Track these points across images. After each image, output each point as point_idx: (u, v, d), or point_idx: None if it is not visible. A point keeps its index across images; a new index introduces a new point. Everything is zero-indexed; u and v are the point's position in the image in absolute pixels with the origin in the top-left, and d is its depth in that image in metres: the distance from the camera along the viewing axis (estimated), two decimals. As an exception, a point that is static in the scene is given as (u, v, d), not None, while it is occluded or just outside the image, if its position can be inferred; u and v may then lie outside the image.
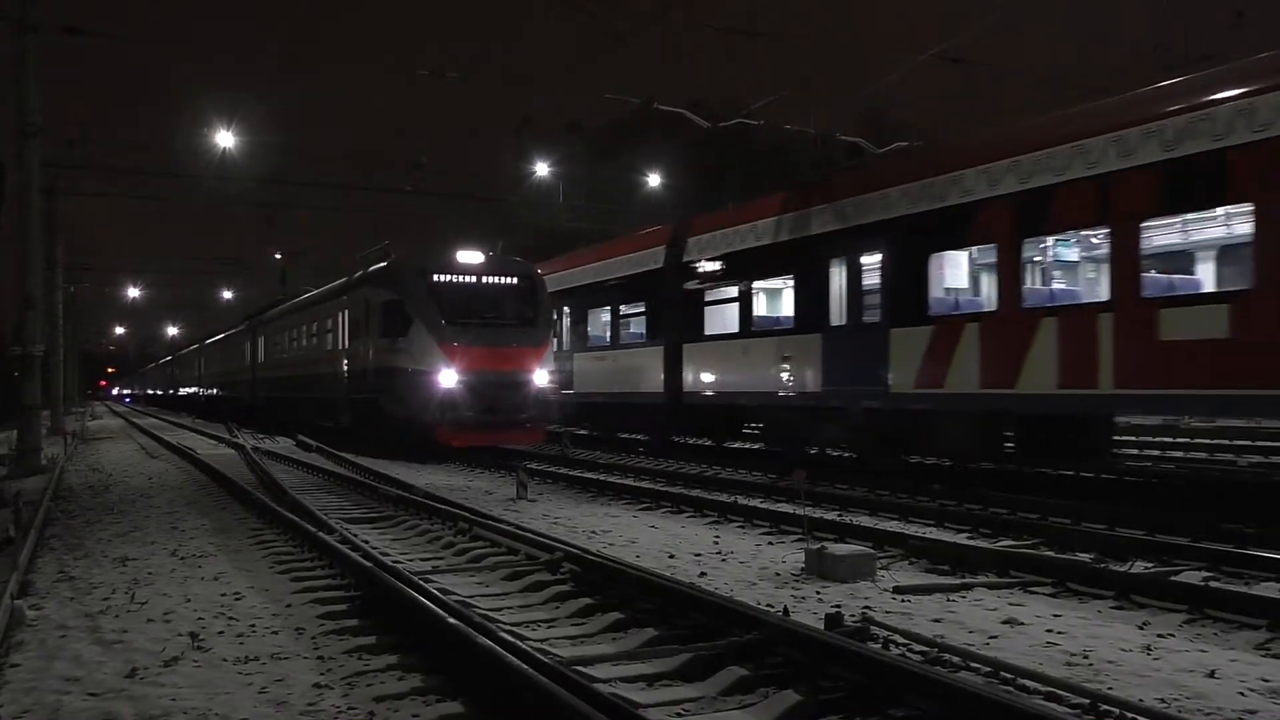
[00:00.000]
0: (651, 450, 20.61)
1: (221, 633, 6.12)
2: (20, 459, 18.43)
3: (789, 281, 16.65)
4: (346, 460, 19.12)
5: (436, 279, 19.71)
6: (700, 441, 20.55)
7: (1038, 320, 11.92)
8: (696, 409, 18.95)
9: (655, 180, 37.09)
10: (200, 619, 6.46)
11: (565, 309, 23.80)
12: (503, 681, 4.54)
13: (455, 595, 6.86)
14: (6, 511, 10.21)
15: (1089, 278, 12.82)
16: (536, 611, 6.72)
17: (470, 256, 20.24)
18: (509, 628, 5.96)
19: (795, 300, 16.32)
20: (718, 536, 9.97)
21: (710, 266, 18.30)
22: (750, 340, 17.21)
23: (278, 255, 48.85)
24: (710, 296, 18.43)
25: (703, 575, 7.79)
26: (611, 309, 22.24)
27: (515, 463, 14.87)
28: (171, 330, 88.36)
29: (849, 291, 14.88)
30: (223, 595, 7.22)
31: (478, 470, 17.71)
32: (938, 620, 6.33)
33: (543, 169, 35.93)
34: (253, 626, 6.28)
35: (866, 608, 6.51)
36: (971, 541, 9.12)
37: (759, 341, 16.91)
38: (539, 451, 19.79)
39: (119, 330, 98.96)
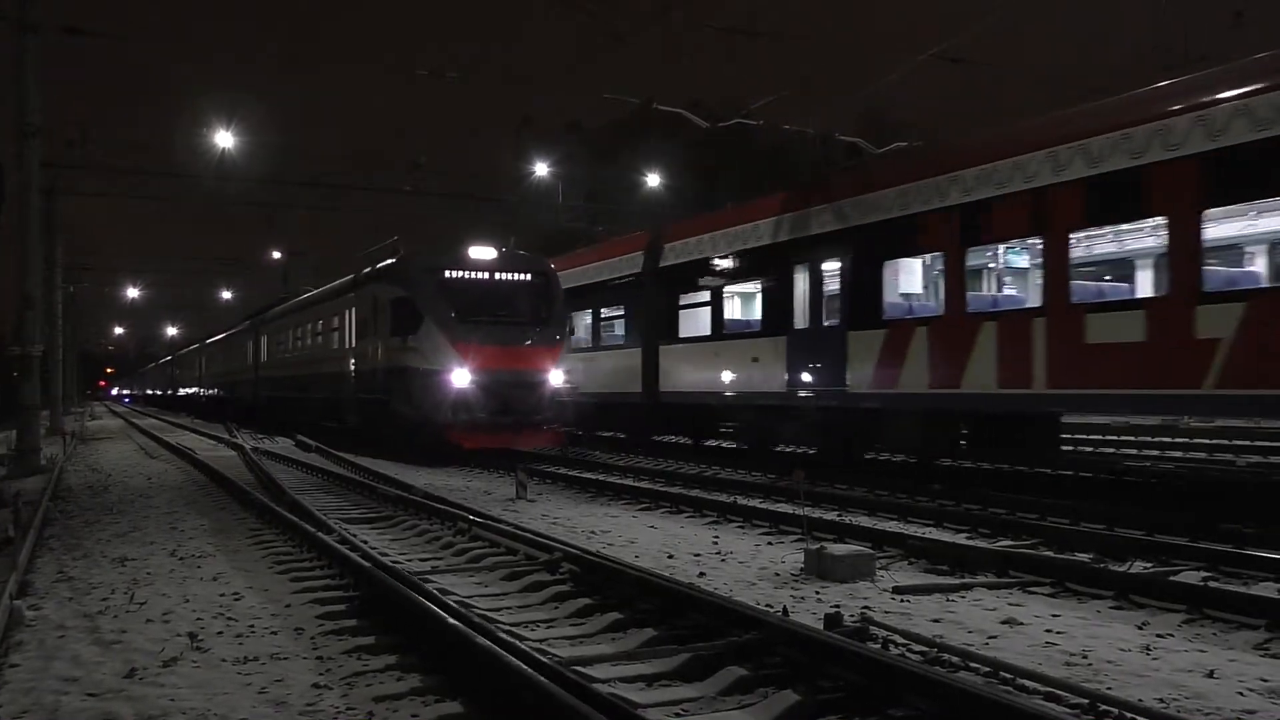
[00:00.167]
0: (631, 447, 21.30)
1: (220, 633, 6.11)
2: (19, 459, 18.42)
3: (756, 287, 17.45)
4: (345, 460, 19.12)
5: (448, 275, 19.17)
6: (681, 440, 21.20)
7: (980, 324, 12.69)
8: (673, 408, 19.80)
9: (655, 180, 37.09)
10: (199, 619, 6.46)
11: None
12: (502, 682, 4.54)
13: (454, 595, 6.85)
14: (6, 511, 10.21)
15: (1025, 285, 13.49)
16: (535, 612, 6.72)
17: (482, 252, 19.71)
18: (508, 628, 5.96)
19: (762, 305, 17.10)
20: (717, 536, 9.97)
21: (684, 272, 19.18)
22: (721, 342, 18.05)
23: (277, 255, 48.76)
24: (684, 300, 19.21)
25: (702, 575, 7.79)
26: (594, 312, 22.90)
27: (515, 463, 14.87)
28: (171, 330, 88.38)
29: (811, 297, 15.69)
30: (222, 595, 7.22)
31: (477, 470, 17.70)
32: (937, 620, 6.33)
33: (542, 169, 35.95)
34: (252, 627, 6.27)
35: (866, 608, 6.51)
36: (971, 541, 9.12)
37: (729, 344, 17.73)
38: (538, 451, 19.61)
39: (118, 330, 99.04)
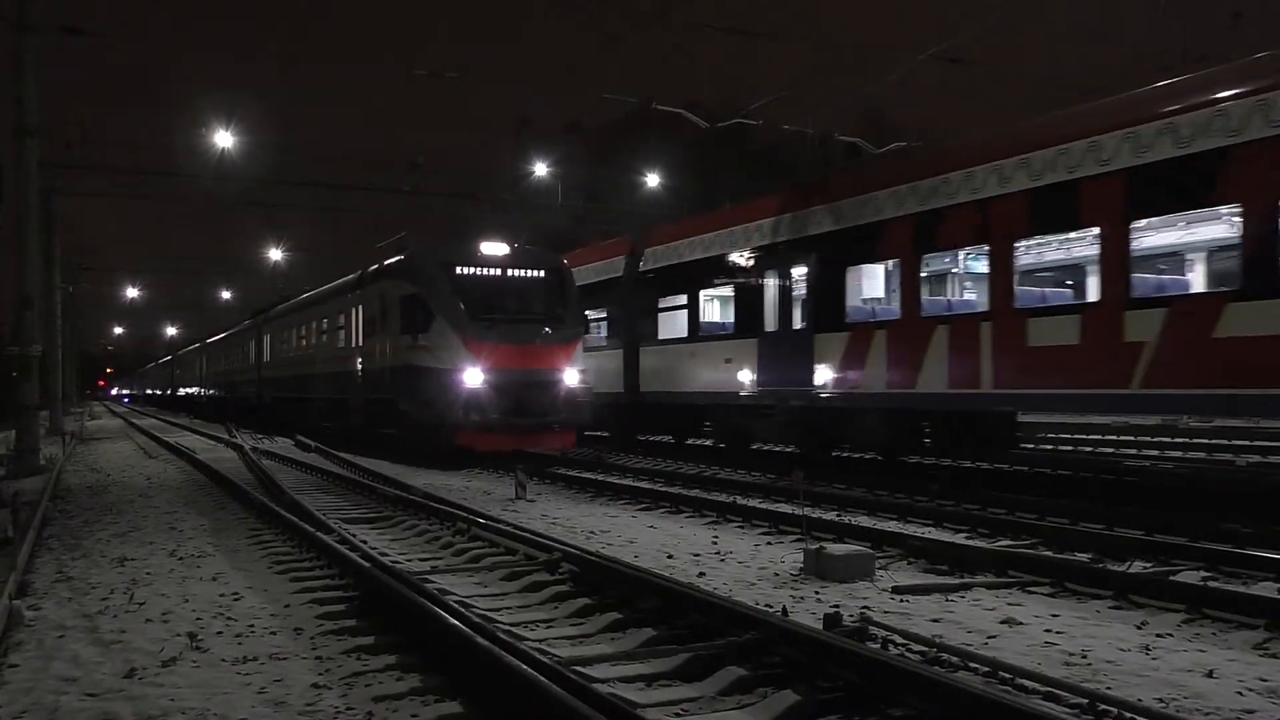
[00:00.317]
0: (614, 444, 21.78)
1: (220, 633, 6.11)
2: (19, 459, 18.42)
3: (730, 291, 18.10)
4: (345, 460, 19.12)
5: (459, 272, 18.54)
6: (665, 439, 21.63)
7: (933, 327, 13.39)
8: (653, 407, 20.37)
9: (654, 180, 37.09)
10: (199, 619, 6.46)
11: None
12: (501, 681, 4.54)
13: (454, 595, 6.85)
14: (5, 512, 10.21)
15: (974, 290, 14.23)
16: (535, 611, 6.72)
17: (495, 248, 19.10)
18: (507, 628, 5.97)
19: (735, 308, 17.87)
20: (716, 536, 9.97)
21: (663, 276, 19.90)
22: (697, 344, 18.73)
23: (276, 255, 48.65)
24: (663, 304, 19.91)
25: (701, 575, 7.80)
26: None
27: (515, 464, 14.84)
28: (170, 330, 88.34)
29: (780, 301, 16.46)
30: (221, 595, 7.22)
31: (476, 470, 17.69)
32: (936, 620, 6.34)
33: (541, 169, 35.95)
34: (251, 627, 6.27)
35: (865, 608, 6.51)
36: (970, 541, 9.11)
37: (705, 345, 18.44)
38: (537, 451, 19.65)
39: (118, 330, 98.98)
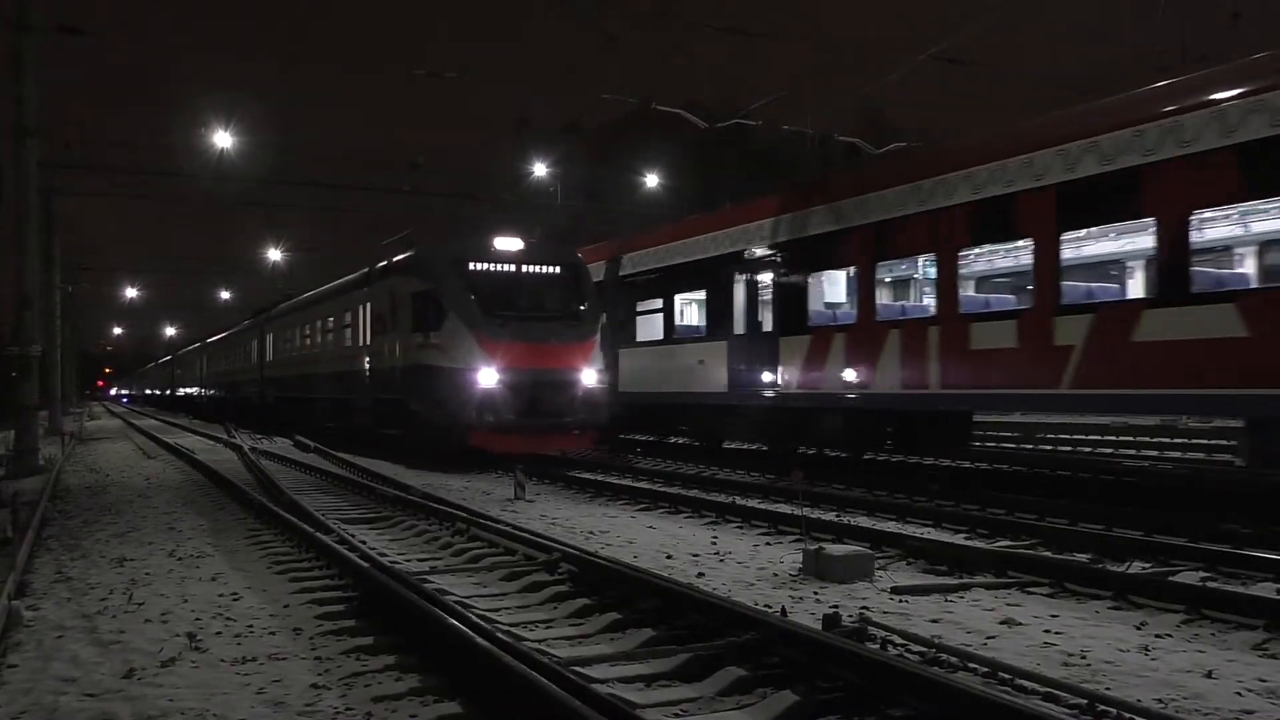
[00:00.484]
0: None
1: (219, 633, 6.11)
2: (18, 459, 18.41)
3: (702, 296, 18.89)
4: (344, 460, 19.11)
5: (472, 267, 17.88)
6: (643, 438, 22.26)
7: (886, 331, 14.18)
8: (632, 407, 20.91)
9: (653, 181, 37.10)
10: (198, 619, 6.46)
11: None
12: (501, 682, 4.54)
13: (453, 596, 6.85)
14: (4, 512, 10.20)
15: (923, 296, 14.99)
16: (534, 612, 6.72)
17: (509, 242, 18.43)
18: (507, 628, 5.97)
19: (707, 312, 18.71)
20: (715, 537, 9.97)
21: (641, 281, 20.58)
22: (672, 346, 19.47)
23: (275, 255, 48.59)
24: (641, 307, 20.61)
25: (700, 576, 7.80)
26: None
27: (514, 464, 14.83)
28: (170, 331, 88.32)
29: (748, 305, 17.40)
30: (220, 596, 7.22)
31: (476, 471, 17.68)
32: (935, 620, 6.34)
33: (541, 169, 35.96)
34: (250, 627, 6.27)
35: (864, 608, 6.52)
36: (969, 542, 9.12)
37: (679, 348, 19.15)
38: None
39: (117, 330, 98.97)
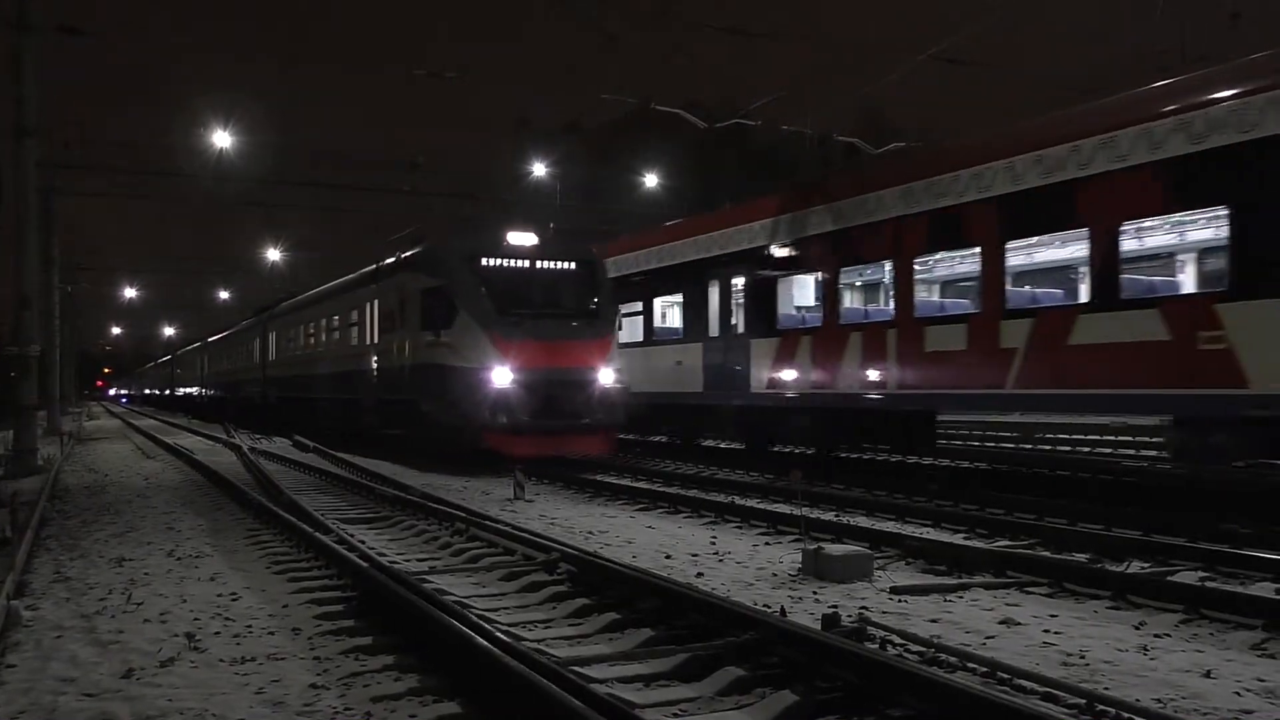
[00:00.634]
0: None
1: (218, 633, 6.11)
2: (17, 459, 18.40)
3: (679, 299, 19.55)
4: (343, 460, 19.10)
5: (485, 263, 17.33)
6: (627, 435, 22.37)
7: (849, 334, 14.90)
8: None
9: (653, 181, 37.09)
10: (197, 619, 6.45)
11: None
12: (500, 682, 4.54)
13: (452, 596, 6.85)
14: (3, 512, 10.19)
15: (883, 300, 15.60)
16: (533, 612, 6.72)
17: (522, 237, 17.85)
18: (506, 628, 5.96)
19: (683, 315, 19.36)
20: (715, 537, 9.97)
21: (622, 284, 20.79)
22: (652, 348, 20.10)
23: (274, 255, 48.53)
24: (624, 309, 20.66)
25: (700, 575, 7.80)
26: None
27: (514, 464, 14.82)
28: (169, 331, 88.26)
29: (721, 308, 17.95)
30: (219, 596, 7.22)
31: (475, 470, 17.67)
32: (934, 620, 6.34)
33: (540, 169, 35.96)
34: (249, 627, 6.27)
35: (863, 608, 6.52)
36: (968, 542, 9.12)
37: (658, 349, 19.69)
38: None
39: (116, 330, 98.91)
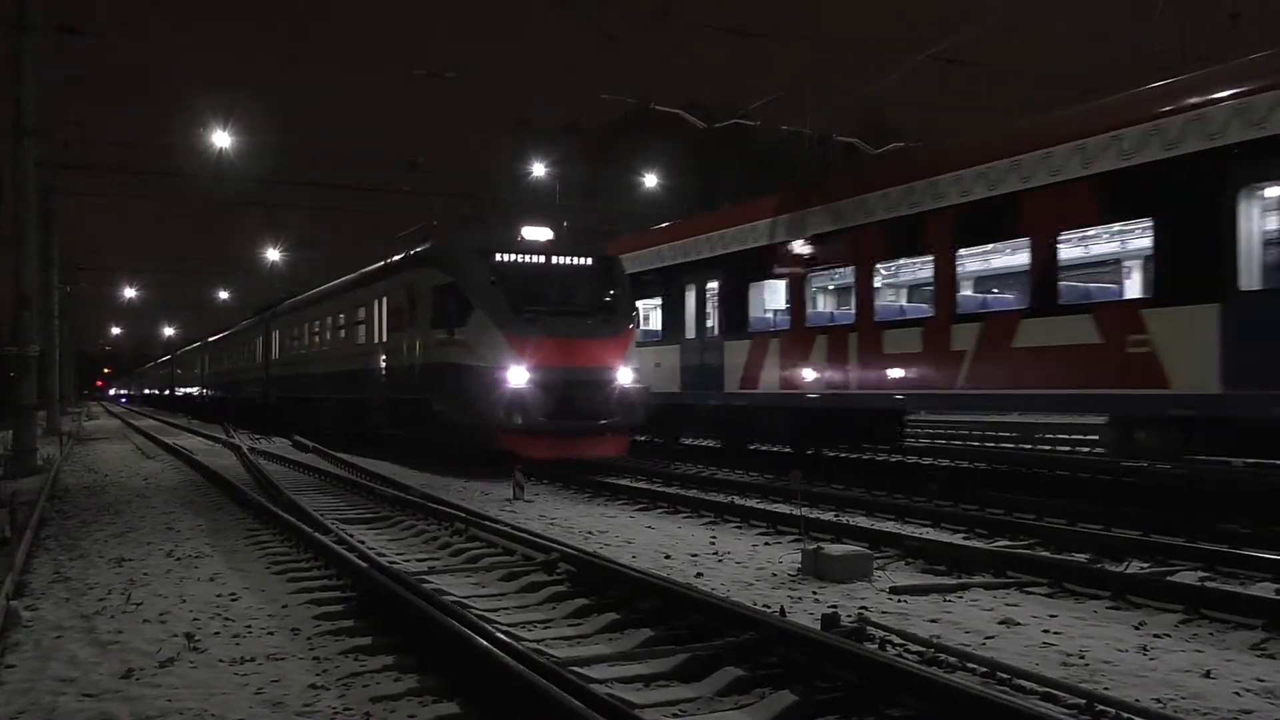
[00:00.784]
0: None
1: (217, 633, 6.11)
2: (16, 459, 18.40)
3: (659, 301, 20.06)
4: (342, 460, 19.10)
5: (499, 259, 16.84)
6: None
7: (814, 337, 15.57)
8: None
9: (652, 181, 37.10)
10: (196, 620, 6.45)
11: None
12: (500, 682, 4.54)
13: (452, 596, 6.85)
14: (2, 512, 10.19)
15: (846, 305, 16.13)
16: (533, 612, 6.72)
17: (537, 232, 17.41)
18: (505, 628, 5.96)
19: (662, 317, 19.94)
20: (714, 537, 9.97)
21: None
22: (635, 349, 20.28)
23: (274, 255, 48.48)
24: None
25: (699, 576, 7.80)
26: None
27: (513, 464, 14.81)
28: (168, 331, 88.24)
29: (697, 311, 18.71)
30: (219, 596, 7.21)
31: (474, 470, 17.66)
32: (934, 620, 6.34)
33: (540, 169, 35.98)
34: (249, 627, 6.27)
35: (863, 608, 6.52)
36: (968, 542, 9.12)
37: (639, 350, 19.42)
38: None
39: (116, 330, 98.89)
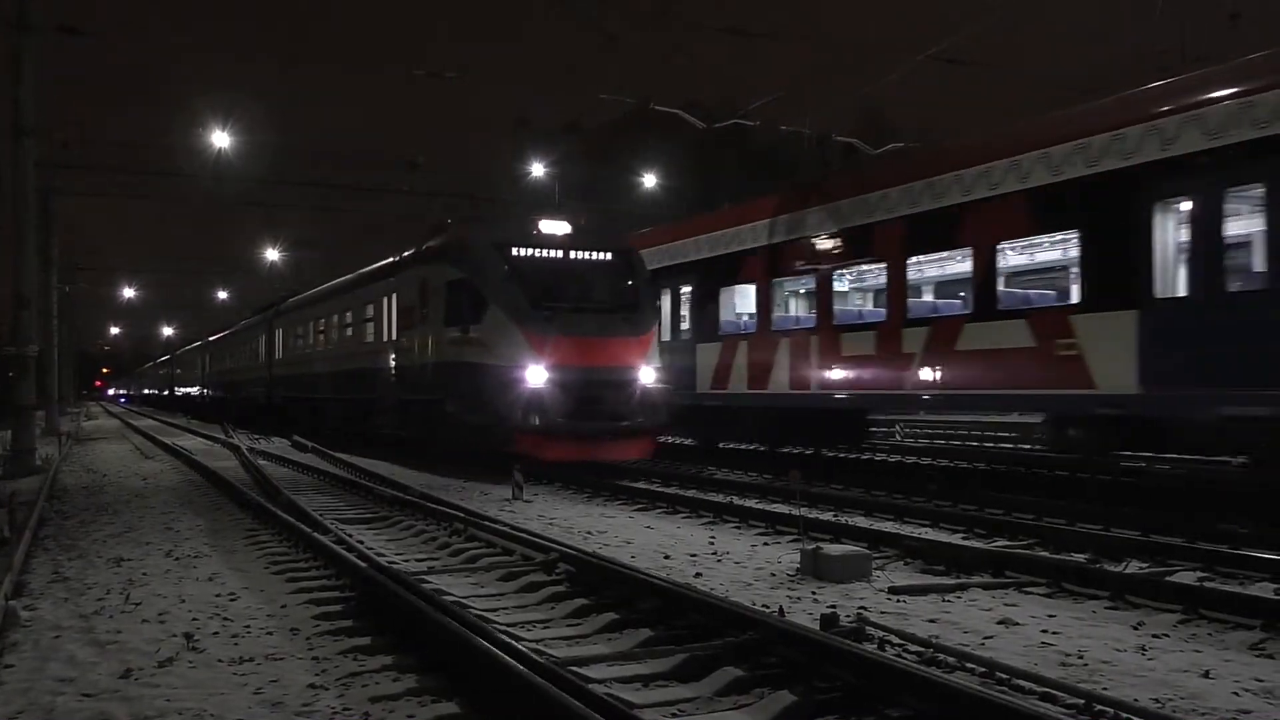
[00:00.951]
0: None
1: (216, 633, 6.11)
2: (15, 459, 18.40)
3: None
4: (342, 460, 19.09)
5: (516, 254, 16.23)
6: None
7: (779, 340, 16.36)
8: None
9: (651, 181, 37.11)
10: (195, 620, 6.45)
11: None
12: (499, 682, 4.54)
13: (451, 596, 6.85)
14: (1, 512, 10.19)
15: (807, 309, 17.13)
16: (532, 612, 6.72)
17: (555, 226, 16.84)
18: (505, 628, 5.96)
19: None
20: (713, 537, 9.97)
21: None
22: None
23: (273, 255, 48.47)
24: None
25: (698, 576, 7.80)
26: None
27: (512, 464, 14.78)
28: (167, 331, 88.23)
29: (673, 314, 19.37)
30: (217, 596, 7.21)
31: (474, 470, 17.66)
32: (933, 620, 6.34)
33: (539, 169, 36.01)
34: (247, 627, 6.27)
35: (862, 608, 6.52)
36: (967, 542, 9.13)
37: None
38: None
39: (115, 330, 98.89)
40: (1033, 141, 12.00)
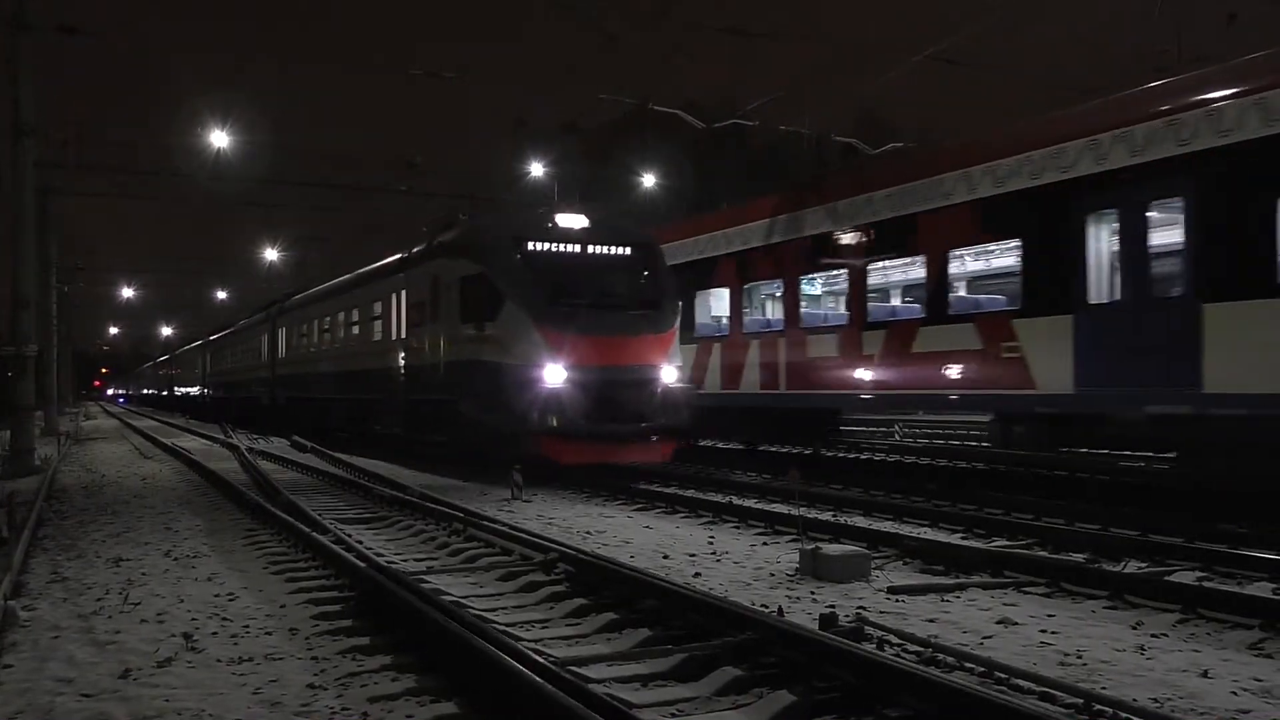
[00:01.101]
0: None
1: (215, 633, 6.11)
2: (14, 459, 18.41)
3: None
4: (341, 461, 19.09)
5: (533, 248, 15.62)
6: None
7: (750, 342, 17.15)
8: None
9: (650, 181, 37.09)
10: (194, 620, 6.45)
11: None
12: (498, 682, 4.54)
13: (450, 596, 6.85)
14: (0, 512, 10.19)
15: (777, 312, 17.60)
16: (531, 612, 6.72)
17: (573, 220, 16.20)
18: (504, 628, 5.96)
19: None
20: (712, 537, 9.97)
21: None
22: None
23: (272, 255, 48.40)
24: None
25: (697, 575, 7.80)
26: None
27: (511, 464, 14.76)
28: (167, 331, 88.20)
29: None
30: (216, 596, 7.21)
31: (473, 471, 17.65)
32: (932, 620, 6.34)
33: (538, 169, 36.01)
34: (246, 627, 6.27)
35: (861, 608, 6.52)
36: (966, 542, 9.13)
37: None
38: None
39: (114, 331, 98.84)
40: (980, 155, 12.76)
